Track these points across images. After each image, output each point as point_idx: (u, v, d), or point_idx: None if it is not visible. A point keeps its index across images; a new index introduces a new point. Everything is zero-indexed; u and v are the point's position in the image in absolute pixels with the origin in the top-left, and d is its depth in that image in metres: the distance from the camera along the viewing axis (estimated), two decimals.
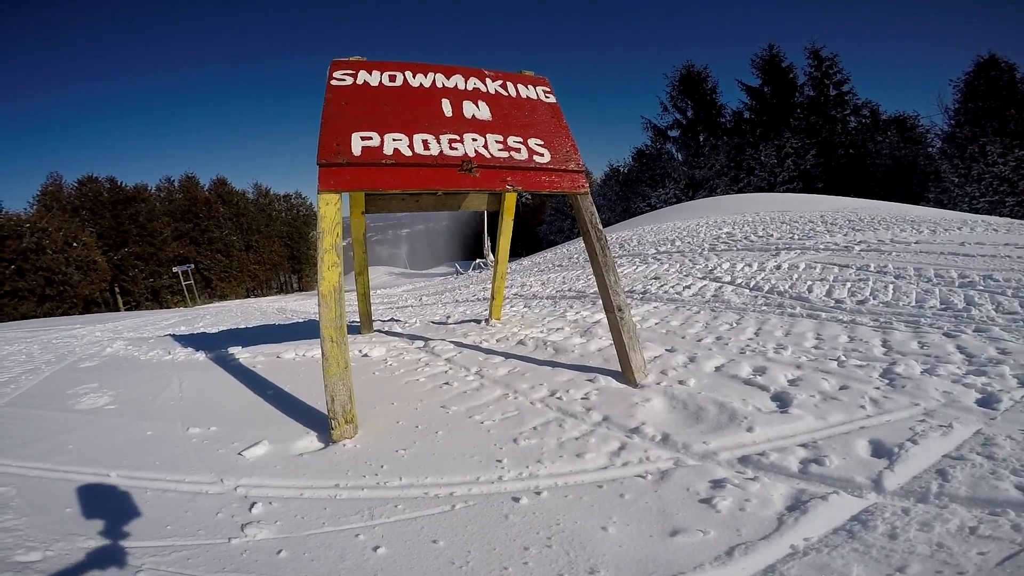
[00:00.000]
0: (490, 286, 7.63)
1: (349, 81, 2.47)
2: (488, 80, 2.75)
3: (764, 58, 39.45)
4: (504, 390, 2.44)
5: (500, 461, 1.80)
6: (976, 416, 1.81)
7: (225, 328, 6.85)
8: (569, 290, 5.54)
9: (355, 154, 2.15)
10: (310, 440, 2.08)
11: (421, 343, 3.43)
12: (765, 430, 1.84)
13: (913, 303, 3.36)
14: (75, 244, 36.23)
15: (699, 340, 2.94)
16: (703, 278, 4.85)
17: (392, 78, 2.55)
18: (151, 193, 48.17)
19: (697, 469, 1.65)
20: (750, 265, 5.10)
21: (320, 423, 2.20)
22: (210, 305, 37.12)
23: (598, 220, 2.46)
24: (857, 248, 5.27)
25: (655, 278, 5.24)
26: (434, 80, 2.62)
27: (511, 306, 4.98)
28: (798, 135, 35.52)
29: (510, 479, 1.70)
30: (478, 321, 4.15)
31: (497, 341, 3.32)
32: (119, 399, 2.89)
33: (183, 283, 43.79)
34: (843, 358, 2.47)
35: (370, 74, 2.53)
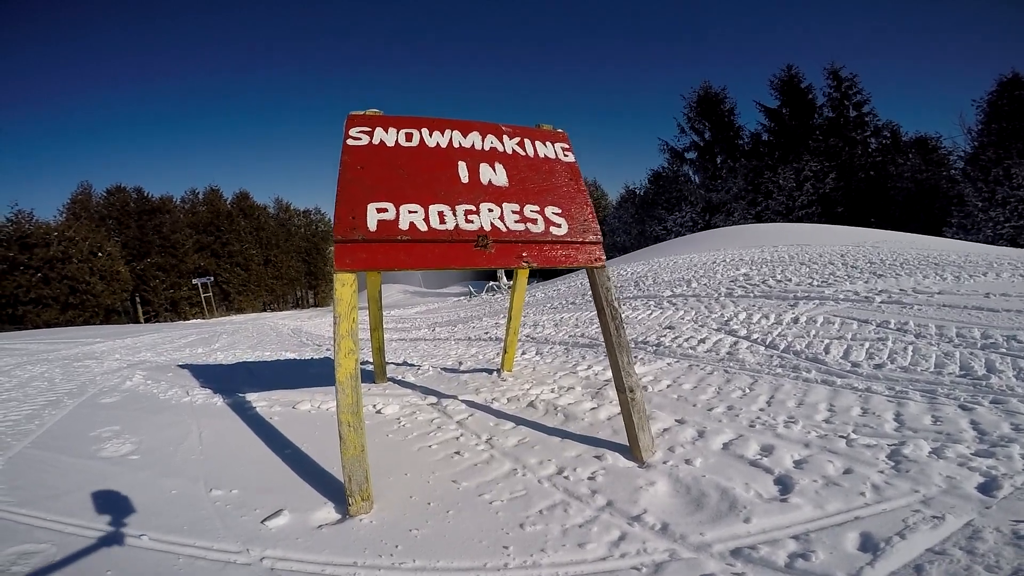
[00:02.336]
0: (503, 322, 7.75)
1: (365, 140, 2.47)
2: (505, 138, 2.75)
3: (783, 79, 39.24)
4: (513, 464, 2.46)
5: (507, 548, 1.82)
6: (973, 505, 1.81)
7: (240, 360, 6.98)
8: (582, 335, 5.54)
9: (371, 229, 2.17)
10: (328, 511, 2.13)
11: (434, 399, 3.47)
12: (761, 520, 1.84)
13: (932, 368, 3.31)
14: (100, 254, 37.07)
15: (710, 409, 2.93)
16: (718, 330, 4.83)
17: (408, 137, 2.55)
18: (176, 205, 49.30)
19: (690, 563, 1.67)
20: (767, 317, 5.06)
21: (337, 491, 2.25)
22: (226, 319, 37.69)
23: (614, 297, 2.47)
24: (878, 299, 5.20)
25: (669, 327, 5.22)
26: (451, 139, 2.62)
27: (522, 352, 5.00)
28: (817, 158, 35.17)
29: (515, 567, 1.73)
30: (490, 371, 4.19)
31: (508, 401, 3.35)
32: (141, 447, 2.97)
33: (202, 295, 44.59)
34: (853, 435, 2.46)
35: (386, 132, 2.53)
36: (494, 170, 2.56)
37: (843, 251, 9.88)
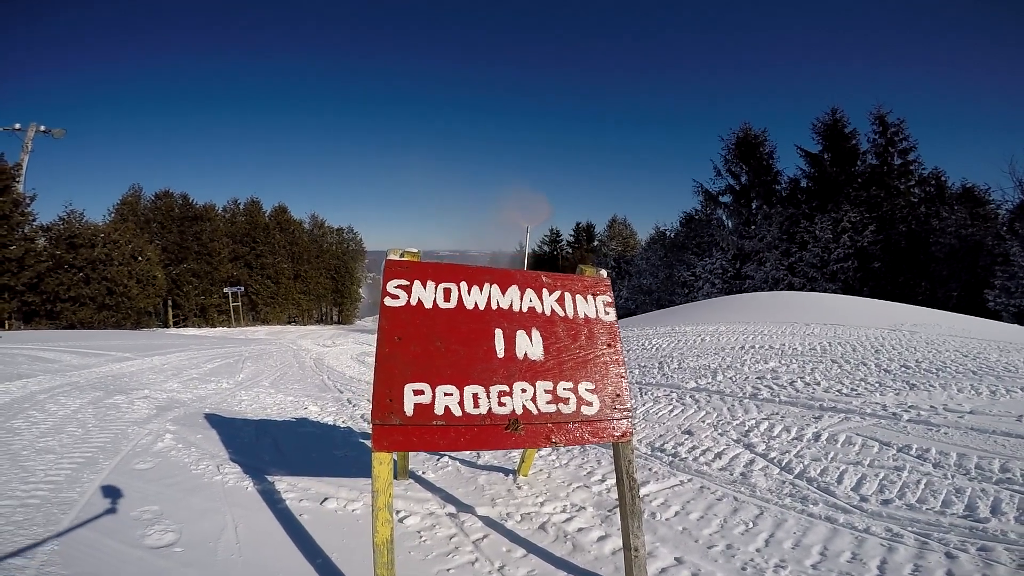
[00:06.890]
0: None
1: (403, 300, 2.50)
2: (545, 292, 2.75)
3: (826, 123, 37.99)
4: None
5: None
6: None
7: (264, 408, 7.31)
8: None
9: (407, 414, 2.31)
10: None
11: (452, 508, 3.62)
12: None
13: (937, 507, 3.33)
14: (140, 258, 38.49)
15: (710, 548, 3.01)
16: (737, 442, 4.81)
17: (447, 294, 2.58)
18: (217, 213, 51.22)
19: None
20: (788, 430, 5.03)
21: None
22: (251, 329, 38.54)
23: (635, 470, 2.57)
24: (905, 417, 5.12)
25: (687, 432, 5.22)
26: (488, 298, 2.64)
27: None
28: (857, 208, 34.17)
29: None
30: (506, 473, 4.31)
31: (521, 519, 3.47)
32: (183, 538, 3.12)
33: (231, 304, 45.96)
34: None
35: (424, 288, 2.55)
36: (531, 339, 2.61)
37: (878, 343, 9.67)
